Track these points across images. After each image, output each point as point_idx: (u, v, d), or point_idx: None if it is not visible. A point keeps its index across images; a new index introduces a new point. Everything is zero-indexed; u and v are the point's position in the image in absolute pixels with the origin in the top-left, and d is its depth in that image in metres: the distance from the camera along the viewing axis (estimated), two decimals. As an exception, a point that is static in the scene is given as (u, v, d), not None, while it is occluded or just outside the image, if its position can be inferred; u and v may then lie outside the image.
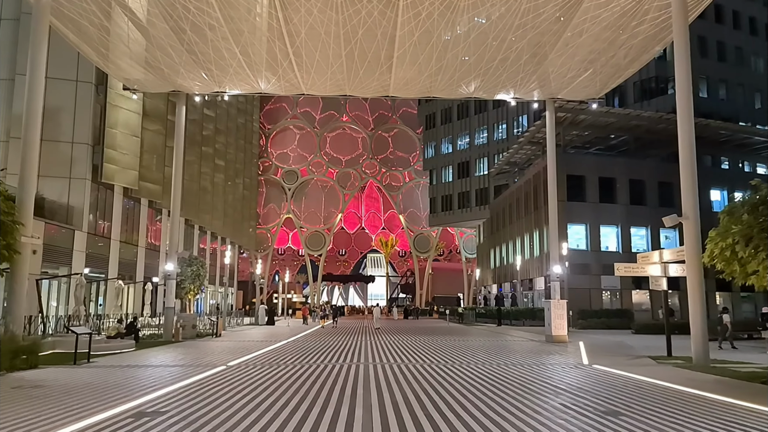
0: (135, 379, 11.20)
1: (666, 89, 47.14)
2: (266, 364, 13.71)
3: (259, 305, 52.83)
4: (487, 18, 18.19)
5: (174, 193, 23.53)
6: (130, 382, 10.63)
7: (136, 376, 11.67)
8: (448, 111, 66.60)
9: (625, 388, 10.12)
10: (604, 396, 9.25)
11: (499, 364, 13.95)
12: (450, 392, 9.57)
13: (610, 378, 11.59)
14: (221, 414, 7.61)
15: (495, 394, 9.42)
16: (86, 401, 8.53)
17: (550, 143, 25.84)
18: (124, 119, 30.11)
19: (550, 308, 23.08)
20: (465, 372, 12.40)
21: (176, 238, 23.27)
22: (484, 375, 11.91)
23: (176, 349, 18.67)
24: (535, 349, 19.00)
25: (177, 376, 11.62)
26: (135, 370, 12.74)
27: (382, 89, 23.16)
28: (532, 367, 13.54)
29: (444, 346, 19.70)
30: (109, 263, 30.15)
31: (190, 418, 7.33)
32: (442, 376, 11.60)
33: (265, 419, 7.33)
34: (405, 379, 11.26)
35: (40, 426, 6.83)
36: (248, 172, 60.49)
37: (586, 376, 11.94)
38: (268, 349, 18.30)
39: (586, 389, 9.96)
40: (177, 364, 13.86)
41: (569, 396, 9.24)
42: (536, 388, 10.12)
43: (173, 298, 22.91)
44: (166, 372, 12.33)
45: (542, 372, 12.53)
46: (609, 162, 42.23)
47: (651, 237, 41.03)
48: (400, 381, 10.95)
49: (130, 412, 7.73)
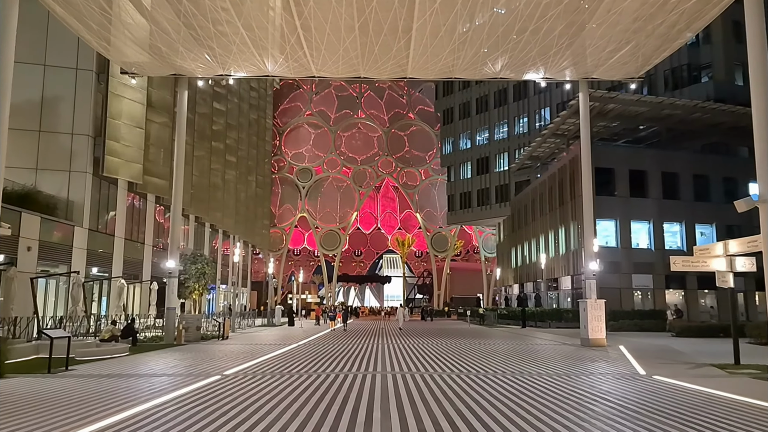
0: (108, 393, 9.38)
1: (699, 77, 44.36)
2: (267, 373, 11.82)
3: (274, 306, 51.31)
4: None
5: (176, 184, 21.86)
6: (100, 398, 8.81)
7: (112, 389, 9.85)
8: (467, 105, 64.37)
9: (710, 409, 8.01)
10: (693, 422, 7.16)
11: (540, 374, 11.89)
12: (491, 414, 7.56)
13: (682, 395, 9.45)
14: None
15: (551, 417, 7.39)
16: (31, 423, 6.70)
17: (584, 129, 23.60)
18: (128, 110, 28.57)
19: (586, 309, 20.87)
20: (503, 385, 10.36)
21: (178, 234, 21.60)
22: (527, 389, 9.86)
23: (174, 353, 16.92)
24: (574, 355, 16.84)
25: (159, 388, 9.77)
26: (115, 380, 10.94)
27: (399, 70, 21.17)
28: (580, 377, 11.44)
29: (470, 351, 17.67)
30: (112, 262, 28.64)
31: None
32: (477, 390, 9.59)
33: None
34: (431, 394, 9.27)
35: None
36: (261, 169, 58.91)
37: (651, 392, 9.80)
38: (274, 354, 16.45)
39: (663, 411, 7.87)
40: (167, 373, 12.05)
41: (646, 421, 7.17)
42: (599, 407, 8.05)
43: (175, 298, 21.22)
44: (150, 383, 10.50)
45: (595, 385, 10.43)
46: (640, 154, 39.66)
47: (686, 233, 38.38)
48: (426, 398, 8.96)
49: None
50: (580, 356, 16.44)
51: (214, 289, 45.75)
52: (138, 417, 7.22)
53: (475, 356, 15.98)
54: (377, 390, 9.65)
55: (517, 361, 14.61)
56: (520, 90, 59.06)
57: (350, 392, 9.38)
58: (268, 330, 32.81)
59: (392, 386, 10.11)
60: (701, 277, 37.99)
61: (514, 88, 59.64)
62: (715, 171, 38.80)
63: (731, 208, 12.82)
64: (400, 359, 15.10)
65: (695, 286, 37.58)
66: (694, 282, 37.53)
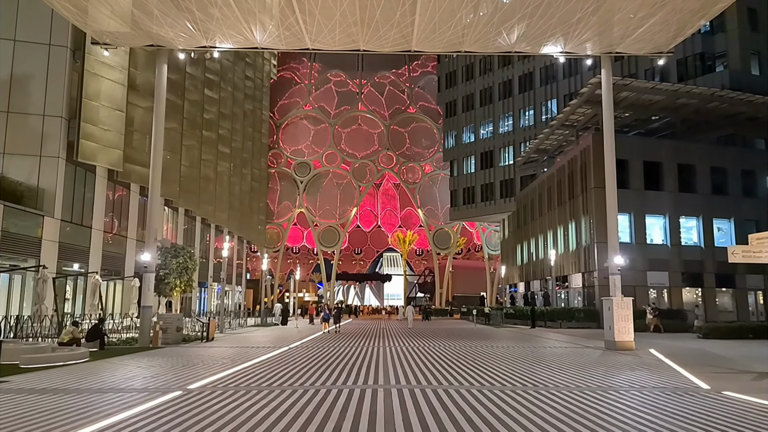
0: (12, 418, 7.11)
1: (713, 67, 42.10)
2: (241, 388, 9.56)
3: (271, 304, 49.22)
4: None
5: (153, 167, 19.65)
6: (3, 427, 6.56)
7: (29, 411, 7.58)
8: (470, 97, 62.03)
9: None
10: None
11: (579, 387, 9.63)
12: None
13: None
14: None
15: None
16: None
17: (607, 110, 21.33)
18: (107, 91, 26.29)
19: (611, 308, 18.63)
20: (540, 404, 8.09)
21: (156, 223, 19.33)
22: (574, 409, 7.59)
23: (144, 359, 14.66)
24: (605, 361, 14.59)
25: (94, 411, 7.51)
26: (44, 397, 8.65)
27: (402, 41, 18.92)
28: (630, 393, 9.19)
29: (483, 356, 15.42)
30: (89, 256, 26.36)
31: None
32: (510, 413, 7.34)
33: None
34: (452, 421, 7.02)
35: None
36: (257, 162, 56.55)
37: (740, 417, 7.55)
38: (257, 360, 14.20)
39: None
40: (116, 387, 9.76)
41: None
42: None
43: (151, 296, 18.95)
44: (86, 402, 8.23)
45: (658, 405, 8.16)
46: (655, 144, 37.37)
47: (703, 228, 36.18)
48: (445, 426, 6.71)
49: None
50: (613, 363, 14.19)
51: (206, 286, 43.50)
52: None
53: (490, 363, 13.74)
54: (379, 414, 7.41)
55: (543, 369, 12.37)
56: (525, 81, 56.78)
57: (343, 419, 7.13)
58: (260, 331, 30.57)
59: (399, 410, 7.85)
60: (719, 275, 35.89)
61: (520, 80, 57.37)
62: (734, 163, 36.69)
63: (750, 202, 10.86)
64: (405, 367, 12.85)
65: (713, 284, 35.51)
66: (711, 280, 35.46)
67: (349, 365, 13.15)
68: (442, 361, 14.34)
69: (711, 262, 35.27)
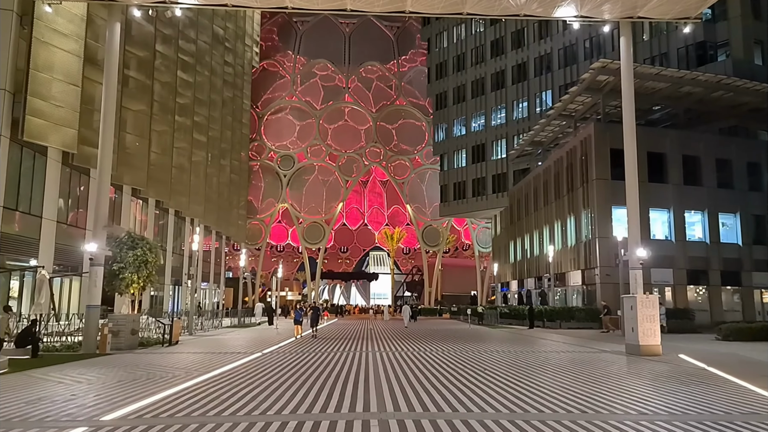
0: None
1: (715, 56, 40.20)
2: (176, 422, 6.84)
3: (256, 303, 46.35)
4: None
5: (102, 143, 16.79)
6: None
7: None
8: (462, 89, 59.59)
9: None
10: None
11: (649, 414, 7.10)
12: None
13: None
14: None
15: None
16: None
17: (627, 82, 18.83)
18: (60, 62, 23.23)
19: (634, 307, 16.21)
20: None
21: (104, 208, 16.42)
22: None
23: (77, 370, 11.86)
24: (641, 371, 12.11)
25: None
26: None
27: (397, 0, 16.31)
28: (724, 425, 6.69)
29: (493, 364, 12.86)
30: (39, 249, 23.32)
31: None
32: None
33: None
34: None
35: None
36: (237, 154, 53.42)
37: None
38: (217, 372, 11.47)
39: None
40: (5, 416, 7.00)
41: None
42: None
43: (98, 293, 16.10)
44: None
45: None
46: (658, 134, 35.28)
47: (708, 223, 34.16)
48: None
49: None
50: (652, 373, 11.72)
51: (180, 285, 40.46)
52: None
53: (507, 373, 11.18)
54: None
55: (578, 383, 9.84)
56: (519, 72, 54.53)
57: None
58: (235, 332, 27.76)
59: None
60: (725, 272, 34.00)
61: (513, 70, 55.11)
62: (739, 155, 34.77)
63: (756, 196, 8.83)
64: (403, 382, 10.23)
65: (718, 282, 33.58)
66: (717, 278, 33.48)
67: (330, 380, 10.50)
68: (446, 371, 11.75)
69: (717, 258, 33.33)
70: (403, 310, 38.56)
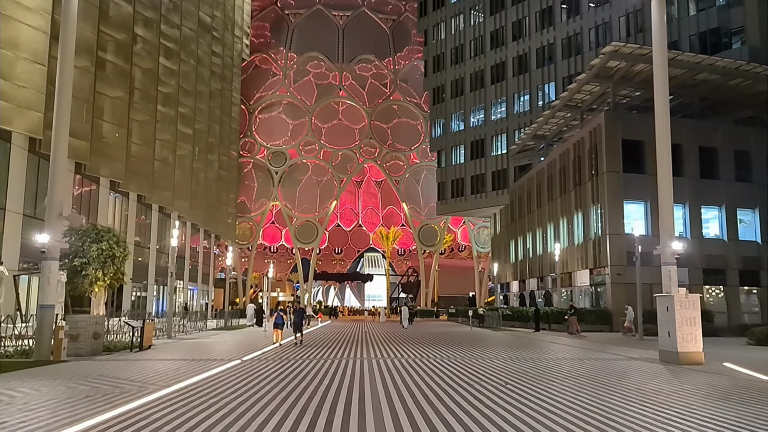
0: None
1: (730, 43, 38.32)
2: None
3: (248, 304, 44.18)
4: None
5: (57, 119, 14.64)
6: None
7: None
8: (460, 82, 57.49)
9: None
10: None
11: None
12: None
13: None
14: None
15: None
16: None
17: (659, 48, 16.79)
18: (25, 39, 21.06)
19: (671, 308, 14.18)
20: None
21: (59, 194, 14.23)
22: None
23: (12, 383, 9.68)
24: (692, 385, 10.05)
25: None
26: None
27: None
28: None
29: (509, 374, 10.78)
30: (2, 244, 21.10)
31: None
32: None
33: None
34: None
35: None
36: (225, 149, 51.14)
37: None
38: (177, 388, 9.31)
39: None
40: None
41: None
42: None
43: (54, 291, 13.89)
44: None
45: None
46: (673, 125, 32.85)
47: (726, 219, 32.26)
48: None
49: None
50: (711, 386, 9.67)
51: (165, 285, 38.18)
52: None
53: (532, 388, 9.09)
54: None
55: (623, 402, 7.78)
56: (520, 63, 52.49)
57: None
58: (219, 335, 25.55)
59: None
60: (743, 272, 32.15)
61: (514, 62, 53.09)
62: (759, 147, 32.84)
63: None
64: (409, 404, 8.12)
65: (736, 282, 31.67)
66: (735, 277, 31.57)
67: (316, 398, 8.37)
68: (458, 384, 9.64)
69: (735, 257, 31.44)
70: (402, 311, 37.24)
